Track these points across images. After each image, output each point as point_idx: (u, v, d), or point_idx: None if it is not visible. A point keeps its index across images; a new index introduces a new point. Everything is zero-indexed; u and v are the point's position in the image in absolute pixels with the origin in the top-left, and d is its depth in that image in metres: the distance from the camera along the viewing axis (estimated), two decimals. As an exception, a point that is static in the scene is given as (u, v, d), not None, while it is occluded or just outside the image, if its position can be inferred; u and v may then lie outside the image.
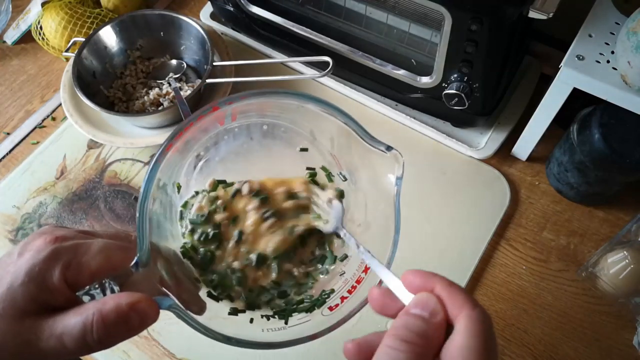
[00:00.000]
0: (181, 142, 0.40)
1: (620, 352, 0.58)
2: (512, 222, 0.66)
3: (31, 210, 0.69)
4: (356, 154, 0.44)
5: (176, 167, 0.43)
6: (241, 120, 0.44)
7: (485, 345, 0.27)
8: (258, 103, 0.42)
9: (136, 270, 0.33)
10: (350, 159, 0.46)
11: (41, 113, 0.78)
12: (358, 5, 0.69)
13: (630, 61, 0.50)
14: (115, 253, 0.35)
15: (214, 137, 0.44)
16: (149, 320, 0.33)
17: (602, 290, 0.60)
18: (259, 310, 0.43)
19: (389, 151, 0.41)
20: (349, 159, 0.46)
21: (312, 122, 0.44)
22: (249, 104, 0.41)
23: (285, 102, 0.42)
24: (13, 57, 0.85)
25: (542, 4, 0.52)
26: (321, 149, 0.47)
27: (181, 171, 0.44)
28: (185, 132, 0.39)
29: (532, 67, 0.74)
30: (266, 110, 0.45)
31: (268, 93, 0.40)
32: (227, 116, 0.43)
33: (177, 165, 0.43)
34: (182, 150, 0.42)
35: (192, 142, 0.43)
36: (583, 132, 0.60)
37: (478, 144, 0.70)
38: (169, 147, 0.38)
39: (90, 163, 0.72)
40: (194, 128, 0.40)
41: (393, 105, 0.74)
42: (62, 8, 0.79)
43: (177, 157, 0.42)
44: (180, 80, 0.75)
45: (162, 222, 0.41)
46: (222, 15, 0.81)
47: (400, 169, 0.40)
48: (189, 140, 0.41)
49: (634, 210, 0.65)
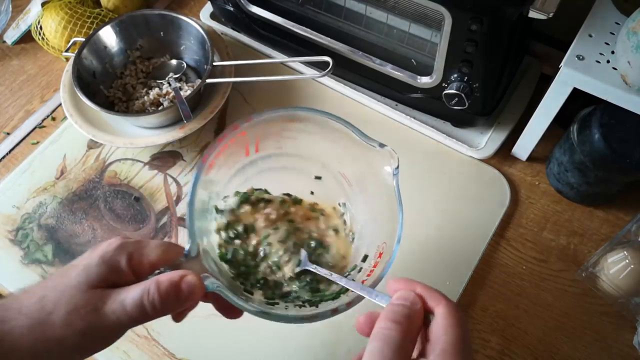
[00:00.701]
0: (215, 158, 0.47)
1: (620, 352, 0.58)
2: (512, 222, 0.66)
3: (31, 210, 0.69)
4: (356, 158, 0.49)
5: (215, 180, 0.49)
6: (262, 152, 0.52)
7: (460, 322, 0.34)
8: (274, 125, 0.49)
9: (186, 261, 0.40)
10: (353, 166, 0.51)
11: (41, 113, 0.78)
12: (358, 5, 0.69)
13: (631, 61, 0.50)
14: (169, 248, 0.41)
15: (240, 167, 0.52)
16: (196, 292, 0.38)
17: (602, 290, 0.60)
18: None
19: (383, 147, 0.46)
20: (352, 168, 0.52)
21: (321, 144, 0.51)
22: (266, 124, 0.49)
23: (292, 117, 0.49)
24: (13, 57, 0.85)
25: (542, 4, 0.52)
26: (332, 172, 0.54)
27: (219, 180, 0.51)
28: (223, 150, 0.47)
29: (532, 67, 0.74)
30: (282, 140, 0.52)
31: (277, 110, 0.48)
32: (251, 145, 0.51)
33: (215, 178, 0.49)
34: (215, 166, 0.48)
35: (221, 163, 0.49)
36: (583, 132, 0.60)
37: (478, 144, 0.70)
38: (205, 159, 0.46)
39: (90, 163, 0.72)
40: (223, 152, 0.48)
41: (393, 105, 0.74)
42: (62, 8, 0.79)
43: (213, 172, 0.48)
44: (180, 80, 0.75)
45: (203, 220, 0.48)
46: (222, 15, 0.81)
47: (395, 162, 0.45)
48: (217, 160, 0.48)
49: (634, 210, 0.65)
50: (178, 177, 0.70)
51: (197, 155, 0.72)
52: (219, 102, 0.70)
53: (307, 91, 0.77)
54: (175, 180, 0.70)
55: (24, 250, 0.66)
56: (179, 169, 0.71)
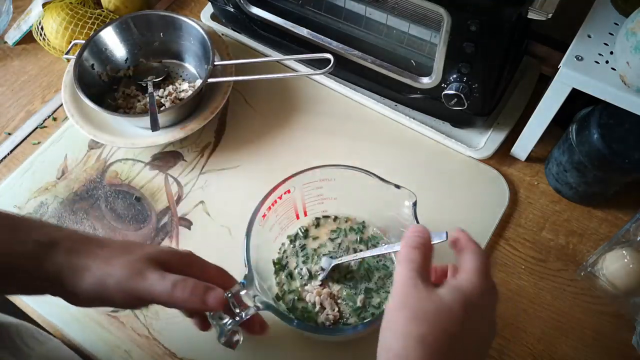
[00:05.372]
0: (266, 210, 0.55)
1: (619, 352, 0.58)
2: (511, 222, 0.66)
3: (32, 211, 0.69)
4: (380, 199, 0.56)
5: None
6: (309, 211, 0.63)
7: (486, 259, 0.41)
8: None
9: (243, 287, 0.47)
10: (381, 210, 0.58)
11: (42, 113, 0.78)
12: (358, 6, 0.69)
13: (629, 61, 0.50)
14: (222, 270, 0.50)
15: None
16: (218, 301, 0.44)
17: (601, 289, 0.60)
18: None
19: (399, 188, 0.53)
20: (380, 213, 0.60)
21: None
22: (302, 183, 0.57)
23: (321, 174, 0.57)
24: (14, 57, 0.85)
25: (541, 4, 0.53)
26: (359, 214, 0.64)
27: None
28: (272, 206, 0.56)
29: (531, 68, 0.74)
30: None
31: (309, 170, 0.56)
32: (300, 211, 0.62)
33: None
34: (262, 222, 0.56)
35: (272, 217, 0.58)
36: (582, 132, 0.60)
37: (477, 144, 0.71)
38: (257, 213, 0.54)
39: (91, 163, 0.72)
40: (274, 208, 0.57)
41: (392, 105, 0.74)
42: (63, 9, 0.79)
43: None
44: (161, 84, 0.75)
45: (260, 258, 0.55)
46: (223, 16, 0.81)
47: (413, 198, 0.52)
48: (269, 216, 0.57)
49: (632, 210, 0.65)
50: (179, 177, 0.71)
51: (197, 155, 0.72)
52: (219, 103, 0.71)
53: (307, 92, 0.77)
54: (176, 180, 0.71)
55: (26, 250, 0.66)
56: (179, 169, 0.71)
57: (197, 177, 0.71)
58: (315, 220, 0.63)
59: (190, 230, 0.67)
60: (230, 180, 0.70)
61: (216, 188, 0.70)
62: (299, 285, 0.59)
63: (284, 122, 0.74)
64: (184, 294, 0.43)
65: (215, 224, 0.67)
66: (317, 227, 0.63)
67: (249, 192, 0.58)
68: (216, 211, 0.68)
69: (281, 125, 0.74)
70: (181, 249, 0.48)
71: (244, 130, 0.74)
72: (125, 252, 0.45)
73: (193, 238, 0.66)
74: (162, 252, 0.47)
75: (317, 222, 0.63)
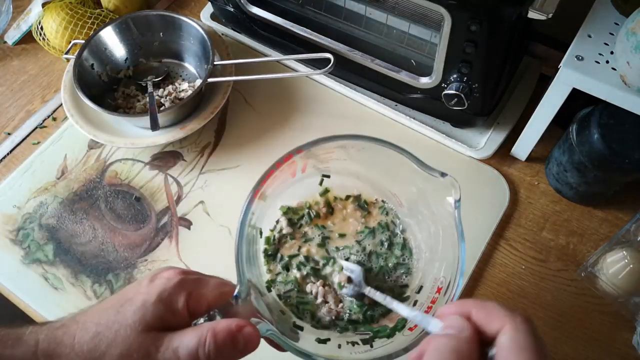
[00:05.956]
0: (263, 189, 0.47)
1: (620, 352, 0.58)
2: (511, 222, 0.66)
3: (32, 210, 0.69)
4: (413, 185, 0.48)
5: (258, 210, 0.48)
6: (309, 170, 0.52)
7: (534, 341, 0.30)
8: (323, 149, 0.49)
9: (236, 303, 0.39)
10: (409, 192, 0.50)
11: (42, 113, 0.78)
12: (358, 6, 0.69)
13: (630, 61, 0.50)
14: (227, 289, 0.40)
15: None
16: (252, 344, 0.37)
17: (601, 290, 0.60)
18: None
19: (444, 177, 0.43)
20: (408, 193, 0.51)
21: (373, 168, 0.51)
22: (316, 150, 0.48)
23: (345, 143, 0.49)
24: (14, 57, 0.85)
25: (541, 4, 0.53)
26: (382, 189, 0.53)
27: (264, 213, 0.51)
28: (268, 178, 0.47)
29: (531, 68, 0.74)
30: (331, 162, 0.52)
31: (330, 138, 0.47)
32: (298, 170, 0.50)
33: (259, 209, 0.48)
34: (263, 197, 0.48)
35: (269, 190, 0.49)
36: (582, 132, 0.60)
37: (477, 144, 0.71)
38: (256, 194, 0.46)
39: (90, 163, 0.72)
40: (271, 179, 0.47)
41: (393, 105, 0.74)
42: (63, 9, 0.79)
43: (260, 203, 0.47)
44: (161, 84, 0.75)
45: (252, 260, 0.48)
46: (223, 16, 0.81)
47: (457, 193, 0.42)
48: (266, 190, 0.48)
49: (633, 210, 0.65)
50: (179, 177, 0.71)
51: (197, 155, 0.72)
52: (219, 102, 0.70)
53: (307, 92, 0.77)
54: (175, 180, 0.71)
55: (25, 250, 0.66)
56: (179, 169, 0.71)
57: (197, 177, 0.71)
58: (325, 201, 0.55)
59: (190, 230, 0.67)
60: (230, 180, 0.70)
61: (216, 188, 0.70)
62: (299, 276, 0.53)
63: (284, 121, 0.74)
64: (216, 356, 0.36)
65: (215, 224, 0.67)
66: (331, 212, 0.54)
67: (249, 192, 0.58)
68: (216, 211, 0.68)
69: (281, 125, 0.74)
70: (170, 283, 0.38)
71: (244, 130, 0.74)
72: (113, 326, 0.36)
73: (193, 238, 0.66)
74: (158, 301, 0.37)
75: (329, 205, 0.54)
